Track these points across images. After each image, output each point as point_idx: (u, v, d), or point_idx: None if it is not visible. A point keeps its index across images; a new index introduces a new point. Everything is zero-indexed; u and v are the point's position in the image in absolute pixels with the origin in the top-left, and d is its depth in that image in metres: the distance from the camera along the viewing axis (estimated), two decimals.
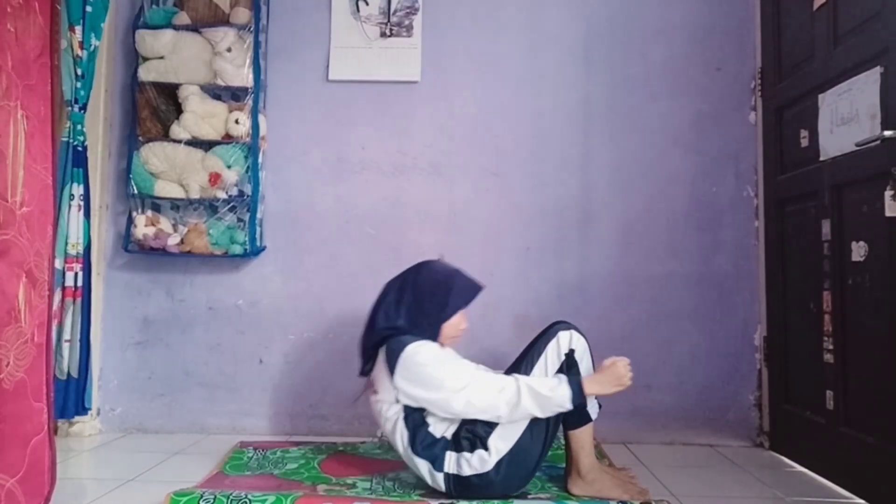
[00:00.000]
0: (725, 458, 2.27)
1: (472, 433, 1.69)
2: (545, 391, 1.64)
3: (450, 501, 1.68)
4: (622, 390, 1.73)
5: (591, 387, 1.69)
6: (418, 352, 1.70)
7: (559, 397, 1.64)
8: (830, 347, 1.97)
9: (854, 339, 1.89)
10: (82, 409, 2.35)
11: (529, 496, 1.76)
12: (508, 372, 1.83)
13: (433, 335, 1.78)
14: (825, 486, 1.97)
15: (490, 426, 1.69)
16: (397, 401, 1.73)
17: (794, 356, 2.23)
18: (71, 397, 2.31)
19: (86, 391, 2.36)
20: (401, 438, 1.74)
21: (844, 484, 1.92)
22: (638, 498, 1.74)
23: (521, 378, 1.68)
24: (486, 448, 1.68)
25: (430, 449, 1.71)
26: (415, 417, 1.73)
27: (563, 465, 1.89)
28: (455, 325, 1.82)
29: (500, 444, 1.68)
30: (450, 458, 1.70)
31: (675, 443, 2.46)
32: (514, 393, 1.64)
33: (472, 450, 1.68)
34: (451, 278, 1.84)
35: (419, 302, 1.78)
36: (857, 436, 1.85)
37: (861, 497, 1.84)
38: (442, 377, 1.68)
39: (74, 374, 2.32)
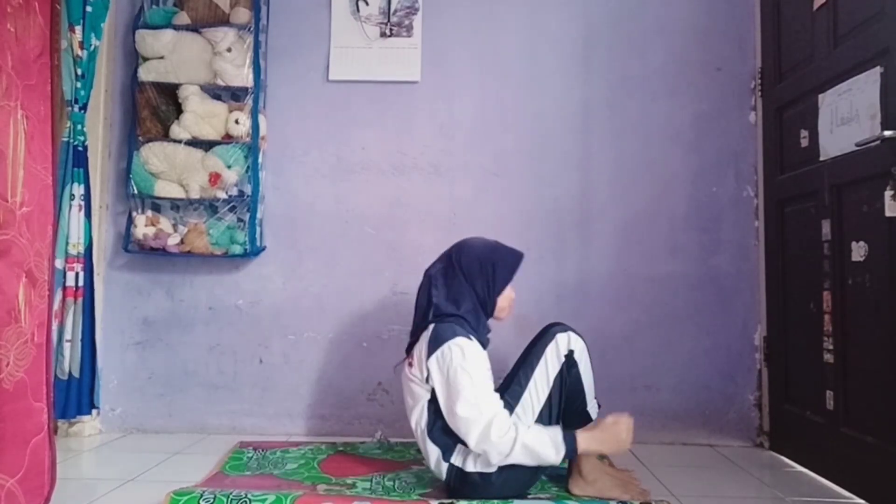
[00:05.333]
0: (725, 458, 2.28)
1: None
2: (539, 448, 1.62)
3: (449, 501, 1.67)
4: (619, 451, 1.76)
5: (589, 445, 1.70)
6: (464, 352, 1.67)
7: (551, 456, 1.64)
8: (830, 347, 1.97)
9: (854, 339, 1.89)
10: (87, 409, 2.35)
11: (529, 496, 1.76)
12: (508, 380, 1.83)
13: (490, 311, 1.83)
14: (825, 486, 1.97)
15: None
16: (427, 381, 1.72)
17: (794, 356, 2.23)
18: (72, 397, 2.31)
19: (94, 390, 2.37)
20: (420, 418, 1.74)
21: (844, 484, 1.93)
22: (638, 498, 1.74)
23: (521, 432, 1.62)
24: None
25: (446, 437, 1.71)
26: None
27: (564, 465, 1.88)
28: (507, 296, 1.85)
29: None
30: (459, 450, 1.70)
31: (675, 443, 2.46)
32: (508, 445, 1.61)
33: None
34: (493, 253, 1.85)
35: (471, 283, 1.80)
36: (857, 436, 1.85)
37: (861, 497, 1.84)
38: (464, 389, 1.64)
39: (76, 373, 2.32)
